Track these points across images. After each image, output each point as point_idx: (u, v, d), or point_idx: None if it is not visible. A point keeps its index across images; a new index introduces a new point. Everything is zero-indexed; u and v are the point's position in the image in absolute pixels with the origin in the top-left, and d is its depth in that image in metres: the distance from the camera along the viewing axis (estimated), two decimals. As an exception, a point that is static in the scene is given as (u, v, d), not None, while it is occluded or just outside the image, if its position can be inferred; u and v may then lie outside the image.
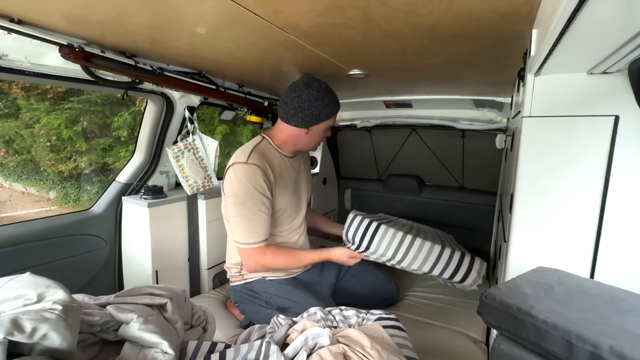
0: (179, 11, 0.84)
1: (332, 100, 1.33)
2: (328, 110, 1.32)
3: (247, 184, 1.22)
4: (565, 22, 0.47)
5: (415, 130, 2.45)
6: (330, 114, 1.34)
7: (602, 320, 0.54)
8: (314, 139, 1.39)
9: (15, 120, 5.51)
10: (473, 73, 1.39)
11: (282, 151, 1.39)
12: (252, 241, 1.25)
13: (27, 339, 0.53)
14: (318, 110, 1.29)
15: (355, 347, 0.82)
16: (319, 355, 0.77)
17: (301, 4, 0.77)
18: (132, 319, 0.71)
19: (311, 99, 1.27)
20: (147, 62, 1.33)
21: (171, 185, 1.95)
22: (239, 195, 1.23)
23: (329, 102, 1.31)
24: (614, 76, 0.76)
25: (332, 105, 1.33)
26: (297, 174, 1.45)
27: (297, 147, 1.41)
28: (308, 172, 1.58)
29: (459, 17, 0.81)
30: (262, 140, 1.37)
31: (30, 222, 1.47)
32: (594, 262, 0.82)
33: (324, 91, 1.30)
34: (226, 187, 1.28)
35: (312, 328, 0.87)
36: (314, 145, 1.43)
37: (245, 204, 1.22)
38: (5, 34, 0.95)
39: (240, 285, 1.42)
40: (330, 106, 1.32)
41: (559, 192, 0.84)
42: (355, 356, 0.80)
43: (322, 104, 1.29)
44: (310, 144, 1.41)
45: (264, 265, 1.30)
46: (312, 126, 1.33)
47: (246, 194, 1.22)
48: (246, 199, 1.22)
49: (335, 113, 1.36)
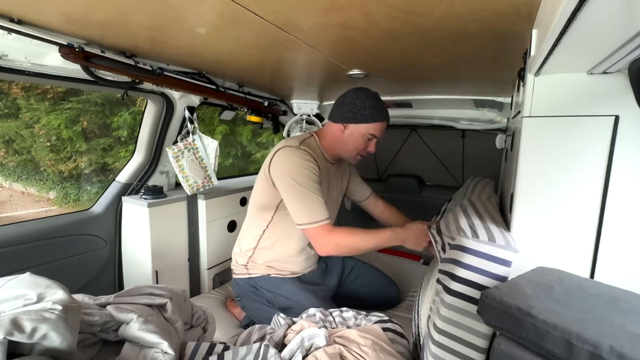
0: (179, 11, 0.84)
1: (375, 106, 1.30)
2: (367, 113, 1.28)
3: (300, 165, 1.22)
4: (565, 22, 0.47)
5: (415, 130, 2.45)
6: (370, 118, 1.29)
7: (603, 320, 0.54)
8: (352, 142, 1.34)
9: (15, 120, 5.52)
10: (473, 73, 1.39)
11: (325, 153, 1.39)
12: (319, 219, 1.22)
13: (27, 339, 0.53)
14: (357, 108, 1.28)
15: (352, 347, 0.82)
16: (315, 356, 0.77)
17: (301, 4, 0.77)
18: (132, 319, 0.71)
19: (354, 97, 1.29)
20: (147, 62, 1.33)
21: (171, 185, 1.95)
22: (294, 175, 1.22)
23: (370, 106, 1.29)
24: (614, 76, 0.76)
25: (374, 109, 1.29)
26: (332, 182, 1.45)
27: (336, 150, 1.39)
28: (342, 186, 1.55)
29: (459, 17, 0.80)
30: (310, 137, 1.39)
31: (30, 222, 1.47)
32: (594, 262, 0.82)
33: (367, 95, 1.30)
34: (276, 169, 1.26)
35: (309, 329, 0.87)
36: (351, 149, 1.36)
37: (302, 184, 1.21)
38: (5, 34, 0.95)
39: (244, 280, 1.43)
40: (370, 109, 1.29)
41: (559, 192, 0.84)
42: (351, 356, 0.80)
43: (363, 105, 1.28)
44: (347, 147, 1.36)
45: (337, 242, 1.23)
46: (348, 123, 1.31)
47: (301, 174, 1.22)
48: (303, 179, 1.21)
49: (376, 121, 1.30)
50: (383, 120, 1.33)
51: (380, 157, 2.74)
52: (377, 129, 1.33)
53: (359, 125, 1.31)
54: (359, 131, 1.32)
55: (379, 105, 1.31)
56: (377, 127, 1.32)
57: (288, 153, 1.25)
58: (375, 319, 1.04)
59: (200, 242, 1.87)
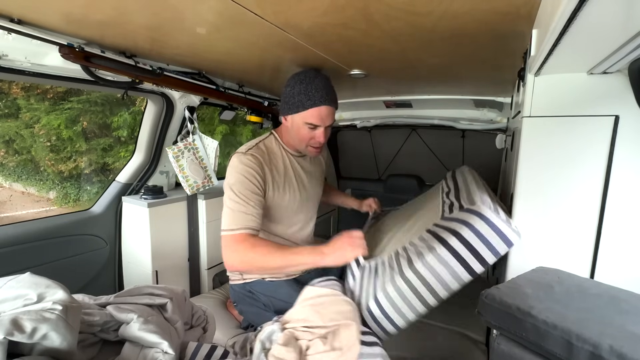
0: (179, 11, 0.84)
1: (305, 91, 1.17)
2: (296, 100, 1.18)
3: (239, 172, 1.19)
4: (565, 22, 0.47)
5: (415, 130, 2.45)
6: (300, 106, 1.18)
7: (602, 320, 0.54)
8: (296, 133, 1.26)
9: (15, 120, 5.51)
10: (473, 73, 1.39)
11: (287, 148, 1.37)
12: (234, 227, 1.11)
13: (27, 339, 0.53)
14: (287, 97, 1.23)
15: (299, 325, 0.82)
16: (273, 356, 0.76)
17: (301, 4, 0.77)
18: (132, 319, 0.71)
19: (286, 85, 1.24)
20: (147, 62, 1.33)
21: (171, 185, 1.95)
22: (229, 182, 1.20)
23: (300, 92, 1.18)
24: (614, 76, 0.76)
25: (303, 95, 1.17)
26: (306, 175, 1.42)
27: (291, 143, 1.35)
28: (321, 175, 1.53)
29: (459, 17, 0.81)
30: (269, 136, 1.37)
31: (30, 222, 1.47)
32: (594, 262, 0.82)
33: (297, 80, 1.21)
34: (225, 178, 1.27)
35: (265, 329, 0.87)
36: (297, 141, 1.28)
37: (235, 191, 1.17)
38: (5, 34, 0.95)
39: (239, 285, 1.42)
40: (300, 95, 1.18)
41: (559, 192, 0.84)
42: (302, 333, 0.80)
43: (292, 92, 1.20)
44: (294, 139, 1.29)
45: (241, 257, 1.09)
46: (285, 114, 1.26)
47: (236, 181, 1.18)
48: (235, 186, 1.18)
49: (307, 108, 1.18)
50: (315, 105, 1.17)
51: (380, 157, 2.74)
52: (313, 116, 1.18)
53: (295, 115, 1.21)
54: (297, 121, 1.22)
55: (310, 89, 1.17)
56: (313, 114, 1.18)
57: (232, 161, 1.23)
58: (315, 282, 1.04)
59: (200, 242, 1.87)
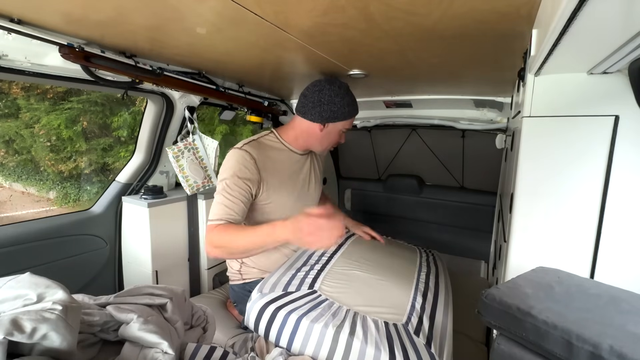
0: (179, 11, 0.84)
1: (352, 101, 1.32)
2: (346, 110, 1.29)
3: (231, 167, 1.21)
4: (565, 22, 0.47)
5: (415, 130, 2.45)
6: (348, 115, 1.31)
7: (602, 320, 0.54)
8: (327, 138, 1.35)
9: (15, 120, 5.51)
10: (473, 73, 1.39)
11: (291, 147, 1.37)
12: (212, 218, 1.14)
13: (27, 339, 0.53)
14: (337, 107, 1.27)
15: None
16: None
17: (301, 4, 0.77)
18: (132, 319, 0.71)
19: (332, 94, 1.26)
20: (147, 62, 1.33)
21: (171, 185, 1.95)
22: (220, 176, 1.22)
23: (349, 102, 1.30)
24: (614, 76, 0.76)
25: (351, 106, 1.31)
26: (304, 173, 1.43)
27: (308, 145, 1.38)
28: (319, 175, 1.54)
29: (459, 17, 0.81)
30: (268, 134, 1.37)
31: (30, 222, 1.47)
32: (594, 262, 0.82)
33: (345, 90, 1.30)
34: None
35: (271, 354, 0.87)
36: (325, 145, 1.38)
37: (221, 183, 1.19)
38: (5, 34, 0.95)
39: (239, 285, 1.42)
40: (349, 106, 1.30)
41: (559, 192, 0.84)
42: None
43: (342, 102, 1.28)
44: (323, 144, 1.37)
45: (215, 242, 1.09)
46: (328, 123, 1.30)
47: (227, 175, 1.20)
48: (224, 180, 1.20)
49: (352, 115, 1.34)
50: (355, 113, 1.36)
51: (380, 157, 2.74)
52: (350, 123, 1.36)
53: (338, 123, 1.32)
54: (337, 128, 1.33)
55: (353, 98, 1.33)
56: (351, 122, 1.37)
57: (227, 156, 1.25)
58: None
59: (200, 242, 1.87)
